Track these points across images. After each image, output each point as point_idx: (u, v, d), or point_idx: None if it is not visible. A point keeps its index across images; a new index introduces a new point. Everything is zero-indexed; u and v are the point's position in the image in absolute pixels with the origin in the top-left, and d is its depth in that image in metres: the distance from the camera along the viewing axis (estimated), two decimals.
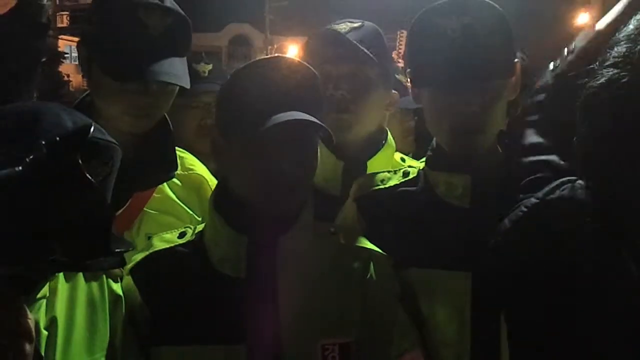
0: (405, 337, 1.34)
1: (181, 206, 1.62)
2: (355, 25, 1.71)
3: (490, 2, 1.38)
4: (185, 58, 1.58)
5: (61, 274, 1.20)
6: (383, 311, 1.33)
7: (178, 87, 1.56)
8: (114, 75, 1.48)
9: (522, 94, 2.18)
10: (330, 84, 1.66)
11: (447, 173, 1.44)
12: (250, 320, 1.24)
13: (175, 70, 1.51)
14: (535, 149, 1.29)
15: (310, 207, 1.33)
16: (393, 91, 1.80)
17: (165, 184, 1.63)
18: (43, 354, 1.12)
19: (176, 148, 1.70)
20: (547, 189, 1.15)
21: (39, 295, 1.13)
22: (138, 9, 1.47)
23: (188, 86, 1.54)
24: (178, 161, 1.67)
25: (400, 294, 1.36)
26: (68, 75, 21.78)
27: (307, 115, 1.20)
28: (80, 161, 0.97)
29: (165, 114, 1.64)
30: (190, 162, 1.71)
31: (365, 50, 1.65)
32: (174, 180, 1.65)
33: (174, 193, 1.63)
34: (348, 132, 1.69)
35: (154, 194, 1.61)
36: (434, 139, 1.50)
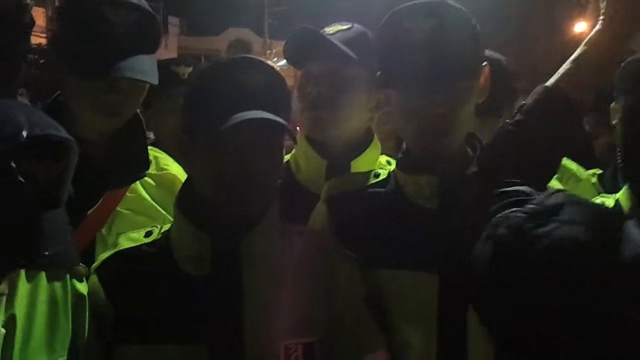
0: (369, 338, 1.34)
1: (154, 206, 1.62)
2: (344, 27, 1.72)
3: (458, 5, 1.39)
4: (154, 55, 1.57)
5: (22, 273, 1.20)
6: (348, 312, 1.33)
7: (148, 85, 1.55)
8: (80, 73, 1.48)
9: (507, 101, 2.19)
10: (309, 83, 1.68)
11: (415, 175, 1.44)
12: (213, 320, 1.24)
13: (142, 67, 1.50)
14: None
15: (276, 207, 1.33)
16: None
17: (138, 183, 1.63)
18: (0, 352, 1.12)
19: (151, 148, 1.70)
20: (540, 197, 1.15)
21: None
22: (103, 6, 1.47)
23: (156, 82, 1.53)
24: (153, 161, 1.67)
25: (366, 295, 1.36)
26: None
27: (270, 115, 1.20)
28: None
29: (139, 113, 1.64)
30: (164, 162, 1.71)
31: (345, 49, 1.65)
32: (148, 180, 1.65)
33: (147, 193, 1.63)
34: (326, 130, 1.70)
35: (127, 194, 1.60)
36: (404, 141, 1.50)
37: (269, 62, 1.32)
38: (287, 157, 1.80)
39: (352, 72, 1.68)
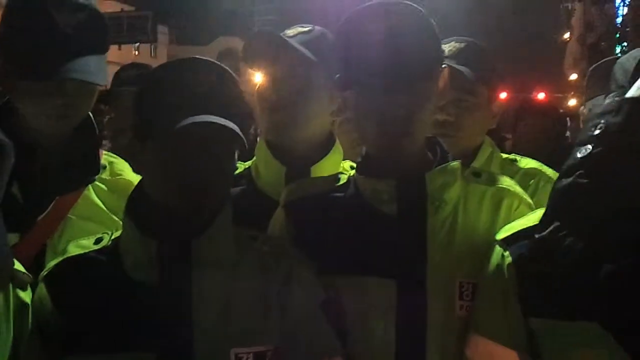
0: (326, 345, 1.30)
1: (106, 213, 1.58)
2: (304, 29, 1.68)
3: (415, 5, 1.36)
4: (103, 56, 1.53)
5: None
6: (303, 319, 1.29)
7: (97, 87, 1.52)
8: (26, 75, 1.44)
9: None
10: (269, 86, 1.63)
11: (374, 178, 1.40)
12: (162, 328, 1.20)
13: (89, 68, 1.46)
14: None
15: (228, 213, 1.29)
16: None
17: (90, 189, 1.59)
18: None
19: (107, 153, 1.67)
20: None
21: None
22: (48, 6, 1.43)
23: (103, 83, 1.51)
24: (107, 166, 1.63)
25: (323, 301, 1.33)
26: None
27: (218, 118, 1.16)
28: None
29: (91, 116, 1.60)
30: (119, 168, 1.66)
31: (305, 51, 1.61)
32: (101, 185, 1.61)
33: (100, 199, 1.59)
34: (286, 134, 1.66)
35: (79, 200, 1.56)
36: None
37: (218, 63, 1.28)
38: (248, 163, 1.76)
39: (312, 74, 1.65)
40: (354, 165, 1.73)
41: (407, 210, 1.37)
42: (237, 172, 1.63)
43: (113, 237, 1.31)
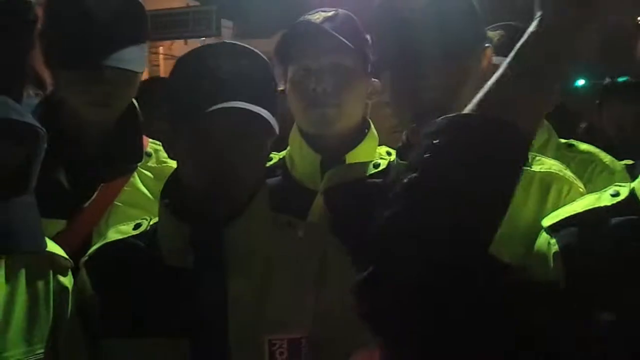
0: (360, 333, 1.27)
1: (151, 199, 1.59)
2: (329, 14, 1.64)
3: None
4: (142, 45, 1.54)
5: (3, 264, 1.19)
6: (339, 308, 1.26)
7: (138, 75, 1.53)
8: (65, 65, 1.47)
9: None
10: (310, 79, 1.60)
11: None
12: (197, 313, 1.20)
13: (128, 56, 1.47)
14: None
15: (264, 198, 1.28)
16: (374, 80, 1.73)
17: (137, 176, 1.61)
18: None
19: (152, 141, 1.68)
20: None
21: None
22: None
23: (141, 71, 1.51)
24: (153, 153, 1.65)
25: None
26: None
27: (249, 104, 1.15)
28: None
29: (134, 104, 1.62)
30: (164, 155, 1.67)
31: (344, 40, 1.58)
32: (147, 173, 1.63)
33: (145, 186, 1.61)
34: (333, 127, 1.63)
35: (125, 187, 1.58)
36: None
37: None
38: (282, 154, 1.75)
39: (352, 62, 1.62)
40: (390, 150, 1.70)
41: None
42: (271, 162, 1.62)
43: (152, 223, 1.32)
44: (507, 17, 2.10)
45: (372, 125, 1.73)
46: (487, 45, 1.36)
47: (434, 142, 0.89)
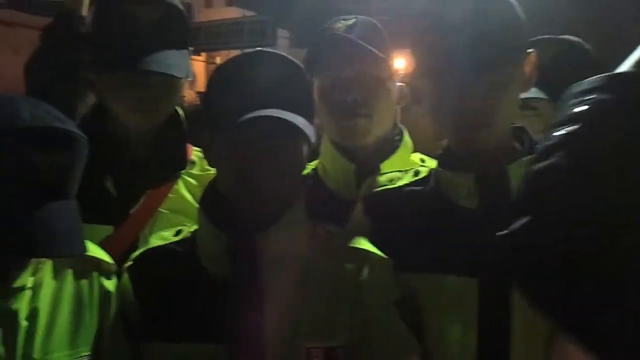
0: (401, 345, 1.26)
1: (195, 206, 1.61)
2: (350, 22, 1.63)
3: None
4: (185, 50, 1.56)
5: (49, 268, 1.23)
6: (377, 317, 1.25)
7: (181, 81, 1.55)
8: (108, 70, 1.51)
9: None
10: (339, 89, 1.59)
11: (453, 172, 1.35)
12: (234, 320, 1.21)
13: (168, 61, 1.49)
14: None
15: (300, 206, 1.28)
16: (400, 84, 1.72)
17: (181, 184, 1.64)
18: (22, 343, 1.15)
19: (197, 149, 1.71)
20: None
21: (17, 285, 1.16)
22: (128, 3, 1.49)
23: (182, 76, 1.53)
24: (197, 161, 1.67)
25: (399, 299, 1.29)
26: None
27: (284, 112, 1.16)
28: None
29: (178, 111, 1.65)
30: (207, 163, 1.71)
31: (370, 47, 1.57)
32: (191, 180, 1.65)
33: (190, 193, 1.63)
34: (366, 137, 1.63)
35: (169, 194, 1.61)
36: None
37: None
38: (314, 164, 1.75)
39: (379, 69, 1.61)
40: (424, 158, 1.68)
41: (488, 205, 1.30)
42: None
43: (192, 230, 1.34)
44: (549, 24, 2.05)
45: (407, 133, 1.72)
46: (530, 51, 1.33)
47: (595, 96, 0.93)
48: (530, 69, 1.33)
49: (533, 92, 1.66)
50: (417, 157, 1.70)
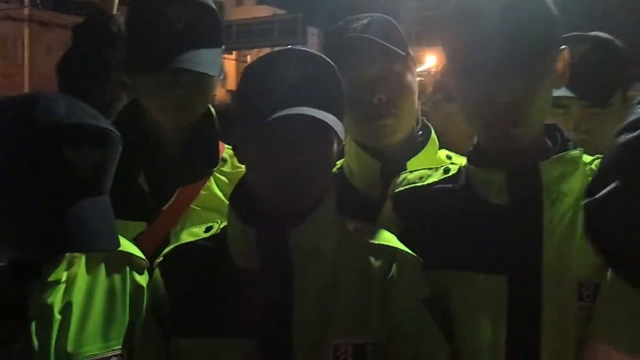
0: (431, 344, 1.26)
1: (226, 203, 1.62)
2: (365, 21, 1.61)
3: None
4: (217, 49, 1.57)
5: (83, 262, 1.26)
6: (406, 314, 1.25)
7: (213, 80, 1.56)
8: (142, 69, 1.53)
9: (618, 89, 2.00)
10: (362, 90, 1.58)
11: (483, 169, 1.34)
12: (263, 315, 1.22)
13: (201, 60, 1.50)
14: None
15: (329, 203, 1.29)
16: (419, 78, 1.71)
17: (213, 181, 1.65)
18: (55, 337, 1.17)
19: (228, 146, 1.72)
20: None
21: (52, 279, 1.18)
22: (159, 3, 1.50)
23: (215, 74, 1.54)
24: (228, 159, 1.69)
25: (429, 297, 1.29)
26: None
27: (314, 110, 1.16)
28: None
29: (211, 109, 1.66)
30: None
31: (390, 46, 1.57)
32: (222, 177, 1.66)
33: (221, 190, 1.65)
34: (393, 137, 1.62)
35: (201, 191, 1.63)
36: None
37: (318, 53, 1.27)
38: (338, 163, 1.74)
39: (401, 67, 1.60)
40: (450, 154, 1.67)
41: (519, 202, 1.29)
42: None
43: (222, 226, 1.35)
44: (583, 21, 2.03)
45: (432, 130, 1.71)
46: (563, 47, 1.31)
47: None
48: (563, 65, 1.32)
49: (564, 90, 1.64)
50: (443, 153, 1.69)
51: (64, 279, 1.21)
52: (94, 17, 1.83)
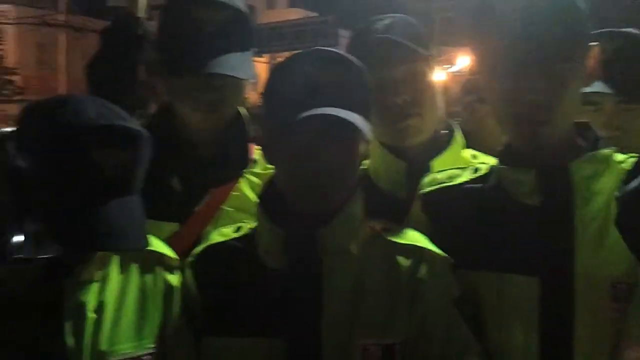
0: (461, 345, 1.25)
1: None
2: (386, 22, 1.62)
3: None
4: (248, 52, 1.59)
5: (116, 262, 1.28)
6: (436, 314, 1.25)
7: (244, 82, 1.58)
8: (174, 72, 1.55)
9: None
10: (386, 91, 1.57)
11: (514, 169, 1.33)
12: (292, 315, 1.23)
13: (233, 63, 1.52)
14: None
15: (357, 203, 1.29)
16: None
17: (244, 182, 1.66)
18: (89, 335, 1.20)
19: (258, 147, 1.73)
20: None
21: (85, 278, 1.21)
22: (192, 6, 1.52)
23: (246, 78, 1.55)
24: (259, 160, 1.70)
25: (458, 297, 1.28)
26: None
27: (340, 110, 1.17)
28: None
29: (240, 111, 1.68)
30: None
31: (413, 46, 1.57)
32: (253, 178, 1.68)
33: (252, 191, 1.66)
34: (419, 137, 1.62)
35: (232, 192, 1.65)
36: None
37: (351, 57, 1.28)
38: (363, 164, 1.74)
39: (424, 66, 1.60)
40: (476, 154, 1.65)
41: (550, 202, 1.27)
42: None
43: (252, 226, 1.37)
44: (615, 16, 2.00)
45: (458, 129, 1.70)
46: (593, 44, 1.29)
47: None
48: (593, 62, 1.30)
49: (595, 87, 1.62)
50: (468, 153, 1.68)
51: (97, 278, 1.23)
52: (120, 20, 1.86)
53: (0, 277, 1.16)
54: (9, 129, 0.99)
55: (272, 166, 1.57)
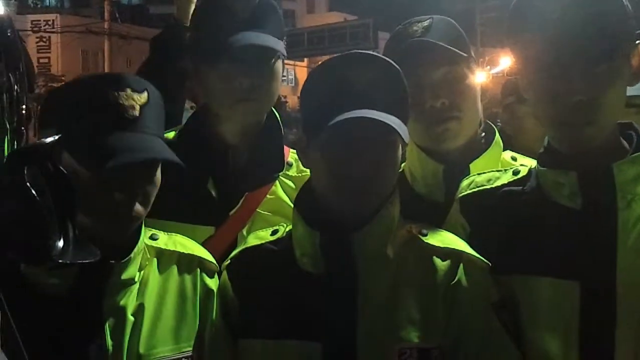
0: (501, 350, 1.22)
1: (292, 208, 1.64)
2: (425, 23, 1.59)
3: None
4: (279, 40, 1.60)
5: (155, 264, 1.29)
6: (474, 319, 1.23)
7: (279, 66, 1.60)
8: (207, 60, 1.57)
9: None
10: (425, 94, 1.55)
11: (555, 171, 1.29)
12: (328, 318, 1.23)
13: (263, 38, 1.54)
14: None
15: (393, 206, 1.28)
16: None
17: (278, 185, 1.67)
18: (128, 338, 1.21)
19: (293, 151, 1.74)
20: None
21: (125, 277, 1.22)
22: None
23: (278, 49, 1.57)
24: (294, 163, 1.70)
25: (497, 302, 1.25)
26: (285, 97, 23.34)
27: (378, 113, 1.16)
28: None
29: (276, 114, 1.68)
30: None
31: (451, 48, 1.54)
32: (288, 182, 1.68)
33: (286, 194, 1.66)
34: (457, 140, 1.59)
35: (267, 195, 1.65)
36: None
37: (383, 57, 1.27)
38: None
39: (462, 69, 1.57)
40: (516, 156, 1.62)
41: (592, 205, 1.24)
42: None
43: (288, 229, 1.37)
44: None
45: (497, 132, 1.67)
46: (638, 42, 1.26)
47: None
48: (638, 61, 1.26)
49: (636, 89, 1.57)
50: (508, 155, 1.65)
51: (137, 279, 1.25)
52: (170, 29, 1.89)
53: (42, 279, 1.18)
54: (55, 137, 1.01)
55: (308, 170, 1.58)
